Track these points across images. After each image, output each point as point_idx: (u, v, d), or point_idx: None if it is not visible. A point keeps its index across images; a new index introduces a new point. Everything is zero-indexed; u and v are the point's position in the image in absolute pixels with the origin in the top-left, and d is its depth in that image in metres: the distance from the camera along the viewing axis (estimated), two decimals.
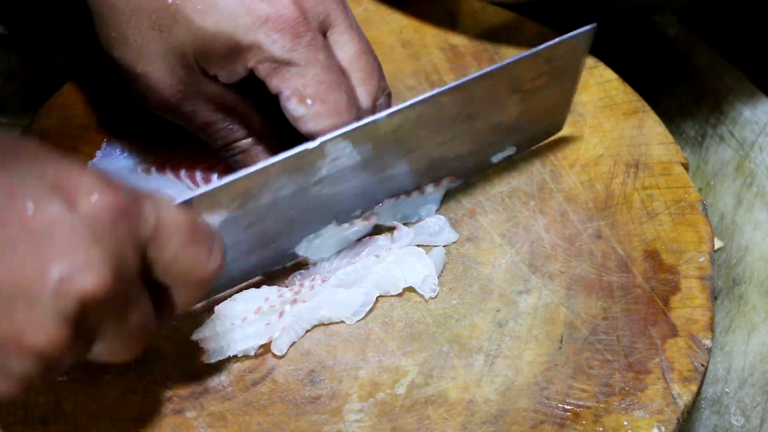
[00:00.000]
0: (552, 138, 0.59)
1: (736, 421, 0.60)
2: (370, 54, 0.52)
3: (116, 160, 0.57)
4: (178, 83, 0.51)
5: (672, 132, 0.60)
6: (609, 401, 0.48)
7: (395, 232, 0.54)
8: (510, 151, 0.57)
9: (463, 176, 0.56)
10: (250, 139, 0.54)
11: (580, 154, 0.59)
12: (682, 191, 0.56)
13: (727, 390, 0.62)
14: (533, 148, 0.59)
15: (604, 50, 0.62)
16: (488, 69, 0.51)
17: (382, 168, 0.52)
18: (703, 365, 0.49)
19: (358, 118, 0.50)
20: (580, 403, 0.48)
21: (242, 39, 0.48)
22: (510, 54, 0.64)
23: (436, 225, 0.55)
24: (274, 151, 0.52)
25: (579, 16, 0.70)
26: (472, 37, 0.65)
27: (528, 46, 0.64)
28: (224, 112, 0.53)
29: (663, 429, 0.47)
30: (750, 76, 0.71)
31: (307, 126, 0.49)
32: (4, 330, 0.36)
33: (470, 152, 0.55)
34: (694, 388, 0.48)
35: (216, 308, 0.50)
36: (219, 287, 0.51)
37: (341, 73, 0.50)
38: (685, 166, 0.58)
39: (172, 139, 0.57)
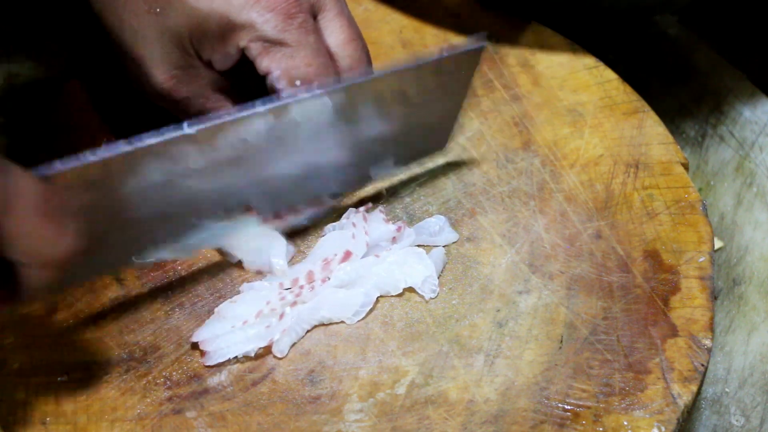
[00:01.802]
0: (435, 155, 0.58)
1: (736, 421, 0.60)
2: (359, 41, 0.52)
3: None
4: (173, 67, 0.52)
5: (672, 132, 0.60)
6: (609, 401, 0.48)
7: (396, 230, 0.54)
8: (390, 164, 0.55)
9: (342, 189, 0.55)
10: None
11: (580, 154, 0.59)
12: (682, 191, 0.56)
13: (727, 390, 0.62)
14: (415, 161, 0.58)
15: (604, 50, 0.62)
16: (374, 74, 0.50)
17: (258, 167, 0.50)
18: (703, 365, 0.49)
19: None
20: (580, 403, 0.48)
21: (235, 18, 0.48)
22: (510, 54, 0.64)
23: (436, 225, 0.55)
24: None
25: (579, 17, 0.70)
26: (472, 38, 0.65)
27: (528, 47, 0.65)
28: (218, 99, 0.53)
29: (663, 429, 0.47)
30: (750, 76, 0.71)
31: None
32: None
33: (350, 163, 0.53)
34: (694, 388, 0.48)
35: (216, 310, 0.50)
36: (75, 278, 0.48)
37: (329, 57, 0.50)
38: (685, 166, 0.58)
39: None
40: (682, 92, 0.73)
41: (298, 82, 0.49)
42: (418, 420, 0.47)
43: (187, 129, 0.45)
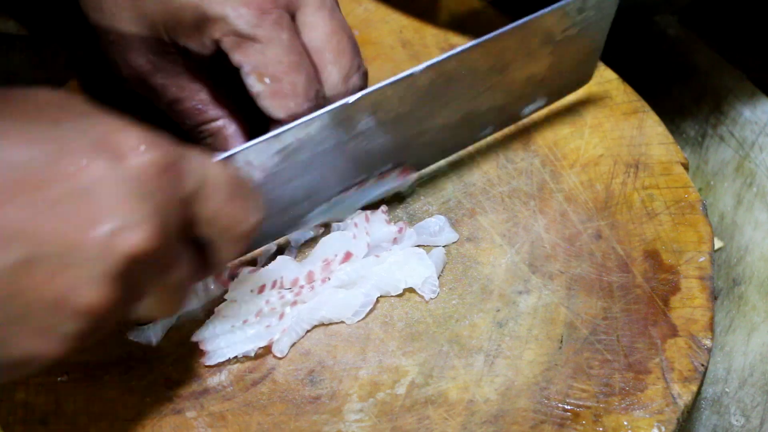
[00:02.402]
0: (581, 89, 0.60)
1: (736, 421, 0.60)
2: (343, 33, 0.51)
3: None
4: (148, 53, 0.52)
5: (672, 132, 0.60)
6: (609, 401, 0.48)
7: (398, 231, 0.54)
8: (540, 102, 0.59)
9: (496, 127, 0.58)
10: (219, 122, 0.53)
11: (580, 154, 0.59)
12: (682, 191, 0.56)
13: (727, 390, 0.62)
14: (563, 99, 0.60)
15: (604, 50, 0.62)
16: (520, 21, 0.52)
17: (419, 121, 0.53)
18: (703, 365, 0.49)
19: (318, 100, 0.50)
20: (580, 403, 0.48)
21: (209, 10, 0.48)
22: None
23: (436, 225, 0.55)
24: (243, 138, 0.53)
25: None
26: (472, 38, 0.65)
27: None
28: (194, 90, 0.53)
29: (663, 429, 0.47)
30: (750, 76, 0.71)
31: (264, 103, 0.49)
32: (52, 289, 0.36)
33: (502, 105, 0.56)
34: (694, 388, 0.48)
35: (216, 309, 0.50)
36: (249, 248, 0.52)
37: (304, 55, 0.50)
38: (685, 166, 0.58)
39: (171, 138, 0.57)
40: (682, 92, 0.73)
41: (267, 79, 0.49)
42: (418, 420, 0.47)
43: (348, 100, 0.49)
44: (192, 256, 0.41)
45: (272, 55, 0.49)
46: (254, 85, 0.49)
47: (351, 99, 0.49)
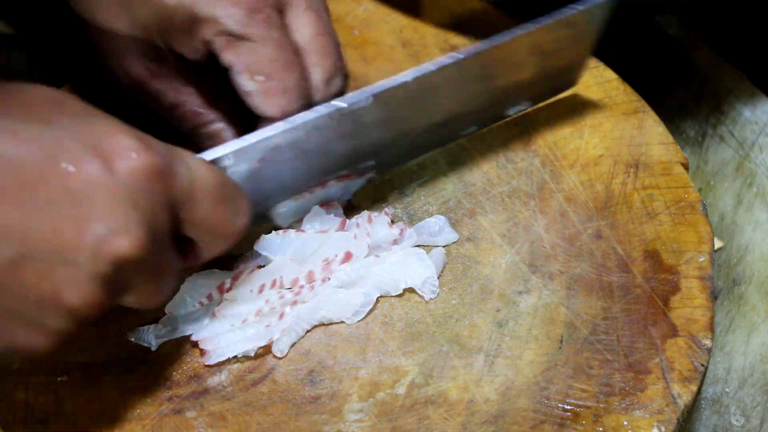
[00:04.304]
0: (566, 93, 0.61)
1: (736, 421, 0.60)
2: (328, 35, 0.52)
3: None
4: (144, 59, 0.52)
5: (672, 132, 0.60)
6: (609, 401, 0.48)
7: (399, 233, 0.54)
8: (525, 105, 0.59)
9: (479, 127, 0.59)
10: (218, 124, 0.54)
11: (580, 154, 0.59)
12: (682, 191, 0.56)
13: (727, 390, 0.62)
14: (546, 102, 0.61)
15: (604, 50, 0.62)
16: (510, 35, 0.53)
17: (402, 123, 0.53)
18: (703, 365, 0.49)
19: (308, 98, 0.50)
20: (580, 403, 0.48)
21: (199, 11, 0.48)
22: None
23: (436, 225, 0.55)
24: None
25: None
26: (472, 38, 0.65)
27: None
28: (192, 93, 0.53)
29: (663, 429, 0.47)
30: (750, 76, 0.71)
31: (255, 102, 0.50)
32: (42, 287, 0.37)
33: (485, 108, 0.57)
34: (694, 388, 0.48)
35: (216, 309, 0.50)
36: None
37: (295, 53, 0.50)
38: (685, 166, 0.58)
39: (171, 138, 0.57)
40: (682, 92, 0.73)
41: (259, 78, 0.49)
42: (418, 420, 0.47)
43: (340, 103, 0.50)
44: (176, 254, 0.42)
45: (264, 54, 0.49)
46: (246, 83, 0.49)
47: (344, 104, 0.49)
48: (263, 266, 0.52)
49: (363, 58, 0.64)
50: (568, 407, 0.48)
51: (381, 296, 0.52)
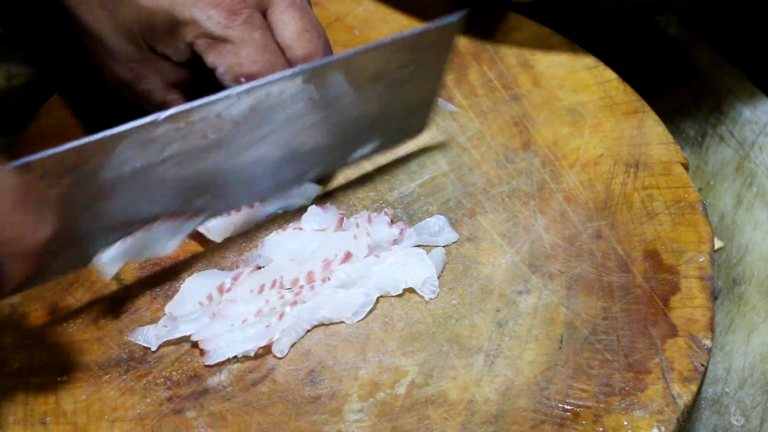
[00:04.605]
0: (414, 141, 0.58)
1: (736, 421, 0.60)
2: (314, 31, 0.51)
3: None
4: (129, 60, 0.52)
5: (672, 132, 0.60)
6: (609, 401, 0.48)
7: (399, 233, 0.54)
8: (371, 146, 0.55)
9: (320, 171, 0.55)
10: None
11: (580, 154, 0.59)
12: (682, 191, 0.56)
13: (727, 390, 0.62)
14: (395, 147, 0.58)
15: (604, 50, 0.62)
16: (350, 52, 0.49)
17: (236, 153, 0.50)
18: (703, 365, 0.49)
19: None
20: (580, 403, 0.48)
21: (179, 14, 0.48)
22: (510, 54, 0.64)
23: (436, 225, 0.55)
24: None
25: (579, 17, 0.70)
26: (472, 38, 0.65)
27: (528, 47, 0.65)
28: (179, 92, 0.54)
29: (663, 429, 0.47)
30: (750, 76, 0.71)
31: None
32: None
33: (327, 146, 0.53)
34: (694, 388, 0.48)
35: (216, 309, 0.50)
36: (48, 272, 0.47)
37: (278, 53, 0.50)
38: (685, 166, 0.58)
39: None
40: (682, 92, 0.73)
41: (242, 79, 0.49)
42: (418, 420, 0.47)
43: (161, 114, 0.45)
44: None
45: (245, 55, 0.49)
46: (230, 85, 0.49)
47: (159, 117, 0.45)
48: (263, 266, 0.52)
49: None
50: (568, 407, 0.48)
51: (381, 296, 0.52)
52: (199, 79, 0.53)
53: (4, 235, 0.39)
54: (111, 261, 0.48)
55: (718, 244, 0.67)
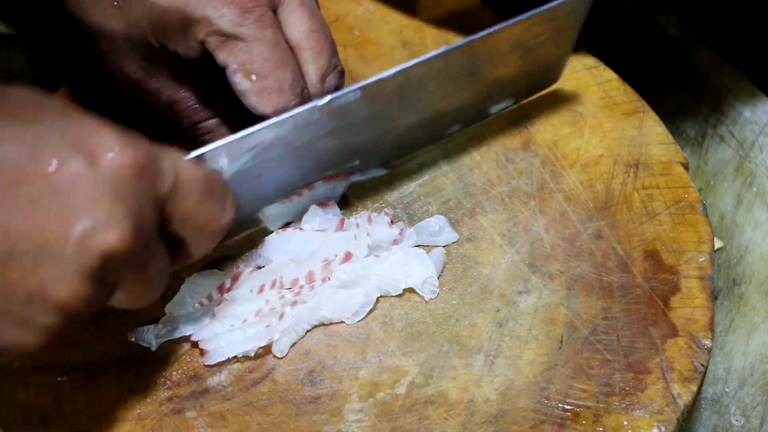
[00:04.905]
0: (548, 90, 0.61)
1: (736, 421, 0.60)
2: (322, 32, 0.52)
3: None
4: (140, 59, 0.52)
5: (672, 132, 0.60)
6: (609, 401, 0.48)
7: (399, 233, 0.54)
8: (508, 102, 0.60)
9: (462, 125, 0.59)
10: (215, 120, 0.54)
11: (580, 154, 0.59)
12: (682, 191, 0.56)
13: (727, 390, 0.62)
14: (529, 99, 0.61)
15: (604, 50, 0.62)
16: (492, 29, 0.53)
17: (386, 121, 0.54)
18: (703, 365, 0.49)
19: (304, 96, 0.51)
20: (580, 403, 0.48)
21: (192, 12, 0.49)
22: None
23: (436, 225, 0.55)
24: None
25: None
26: None
27: None
28: (189, 90, 0.54)
29: (663, 429, 0.47)
30: (750, 76, 0.71)
31: (251, 101, 0.50)
32: (29, 284, 0.37)
33: (469, 104, 0.57)
34: (694, 388, 0.48)
35: (216, 309, 0.50)
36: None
37: (288, 51, 0.50)
38: (685, 166, 0.58)
39: (170, 138, 0.57)
40: (682, 92, 0.73)
41: (254, 77, 0.49)
42: (418, 420, 0.47)
43: (319, 102, 0.50)
44: (165, 251, 0.42)
45: (257, 53, 0.49)
46: (241, 82, 0.49)
47: (321, 102, 0.50)
48: (263, 266, 0.52)
49: (363, 58, 0.64)
50: (568, 407, 0.48)
51: (381, 296, 0.52)
52: (208, 78, 0.53)
53: (195, 223, 0.42)
54: (275, 215, 0.54)
55: (718, 244, 0.67)
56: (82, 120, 0.39)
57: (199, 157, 0.47)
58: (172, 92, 0.54)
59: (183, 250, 0.44)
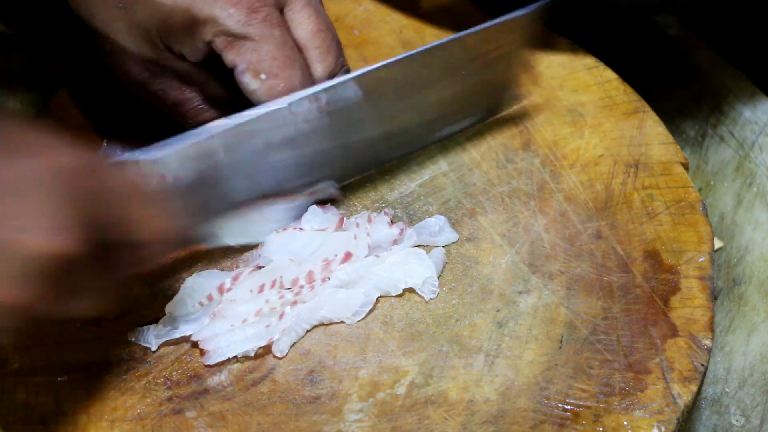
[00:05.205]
0: (500, 115, 0.60)
1: (736, 421, 0.60)
2: (328, 31, 0.52)
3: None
4: (145, 60, 0.52)
5: (672, 132, 0.60)
6: (609, 401, 0.48)
7: (399, 233, 0.54)
8: (458, 125, 0.59)
9: (413, 148, 0.58)
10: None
11: (580, 154, 0.59)
12: (682, 191, 0.56)
13: (727, 390, 0.62)
14: (487, 121, 0.60)
15: (604, 50, 0.62)
16: (444, 39, 0.52)
17: (347, 134, 0.53)
18: (703, 365, 0.49)
19: None
20: (580, 403, 0.48)
21: (198, 12, 0.49)
22: None
23: (436, 225, 0.55)
24: None
25: (579, 17, 0.70)
26: None
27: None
28: (194, 91, 0.54)
29: (663, 429, 0.47)
30: (750, 76, 0.71)
31: (260, 100, 0.50)
32: None
33: (421, 124, 0.56)
34: (694, 388, 0.48)
35: (216, 309, 0.50)
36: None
37: (296, 50, 0.50)
38: (685, 166, 0.58)
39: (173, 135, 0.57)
40: (682, 92, 0.73)
41: (263, 76, 0.49)
42: (418, 420, 0.47)
43: (280, 103, 0.49)
44: (117, 258, 0.42)
45: (266, 52, 0.49)
46: (250, 82, 0.49)
47: (288, 101, 0.49)
48: (263, 266, 0.52)
49: (363, 58, 0.64)
50: (568, 407, 0.48)
51: (381, 296, 0.52)
52: (214, 79, 0.53)
53: (141, 228, 0.42)
54: (231, 230, 0.53)
55: (718, 244, 0.67)
56: (26, 127, 0.39)
57: (139, 162, 0.46)
58: (178, 93, 0.54)
59: (134, 257, 0.44)
